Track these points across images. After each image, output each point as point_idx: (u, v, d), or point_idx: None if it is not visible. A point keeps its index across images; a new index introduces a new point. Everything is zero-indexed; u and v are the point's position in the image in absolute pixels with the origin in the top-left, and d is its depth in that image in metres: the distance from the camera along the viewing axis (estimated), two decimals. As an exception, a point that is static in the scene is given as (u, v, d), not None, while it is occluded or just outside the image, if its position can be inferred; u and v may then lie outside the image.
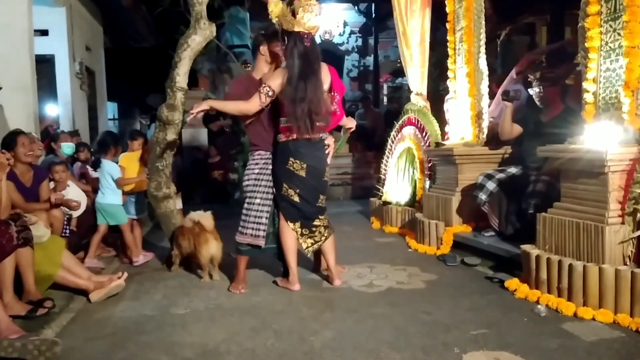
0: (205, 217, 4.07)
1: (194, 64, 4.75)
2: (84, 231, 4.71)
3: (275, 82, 3.53)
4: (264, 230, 3.72)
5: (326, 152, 3.72)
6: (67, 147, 5.31)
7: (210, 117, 10.10)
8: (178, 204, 5.21)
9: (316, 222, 3.69)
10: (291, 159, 3.57)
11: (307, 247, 3.71)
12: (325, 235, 3.72)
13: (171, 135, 4.40)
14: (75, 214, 4.51)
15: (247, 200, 3.79)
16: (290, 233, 3.66)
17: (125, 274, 3.83)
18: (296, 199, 3.63)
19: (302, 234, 3.67)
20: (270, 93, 3.51)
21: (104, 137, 4.98)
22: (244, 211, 3.78)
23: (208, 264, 4.03)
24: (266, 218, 3.72)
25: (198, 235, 4.01)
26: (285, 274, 3.82)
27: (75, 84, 8.32)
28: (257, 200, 3.73)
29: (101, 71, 10.42)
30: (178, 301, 3.56)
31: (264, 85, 3.54)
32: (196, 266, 4.18)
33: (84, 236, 4.74)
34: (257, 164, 3.80)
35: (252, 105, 3.56)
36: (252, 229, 3.73)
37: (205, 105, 3.57)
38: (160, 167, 4.41)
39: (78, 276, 3.66)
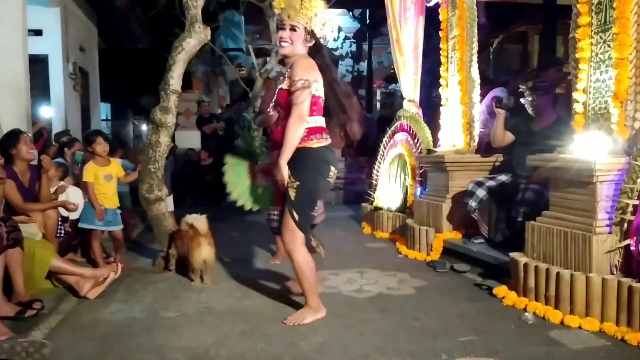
0: (199, 221, 4.06)
1: (189, 66, 4.75)
2: (74, 231, 4.69)
3: (312, 72, 3.07)
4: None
5: None
6: (79, 155, 5.29)
7: (204, 119, 10.10)
8: (170, 206, 5.21)
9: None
10: (333, 168, 3.15)
11: None
12: None
13: (164, 138, 4.40)
14: (73, 216, 4.51)
15: None
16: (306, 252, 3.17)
17: (120, 266, 3.86)
18: (315, 215, 3.38)
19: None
20: (315, 86, 3.06)
21: None
22: None
23: (200, 268, 4.03)
24: None
25: (191, 239, 4.01)
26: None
27: (68, 84, 8.30)
28: None
29: (95, 72, 10.39)
30: (168, 304, 3.56)
31: (301, 80, 3.00)
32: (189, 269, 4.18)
33: (75, 237, 4.73)
34: None
35: (304, 108, 3.00)
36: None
37: (284, 172, 3.01)
38: (152, 170, 4.41)
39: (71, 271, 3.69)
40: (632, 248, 2.95)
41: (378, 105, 14.61)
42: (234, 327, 3.08)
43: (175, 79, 4.37)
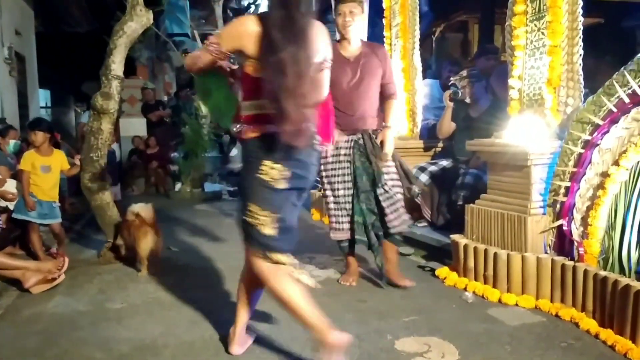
0: (145, 210, 4.01)
1: (132, 51, 4.65)
2: (9, 223, 4.53)
3: None
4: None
5: None
6: (15, 145, 5.08)
7: (149, 106, 9.88)
8: (117, 195, 5.11)
9: None
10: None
11: None
12: None
13: (106, 125, 4.29)
14: (12, 205, 4.36)
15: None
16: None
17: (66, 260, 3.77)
18: None
19: None
20: None
21: None
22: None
23: (147, 258, 3.97)
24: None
25: (138, 228, 3.94)
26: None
27: (3, 70, 7.96)
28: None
29: (32, 57, 9.97)
30: (114, 295, 3.51)
31: None
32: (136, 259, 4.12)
33: (13, 229, 4.57)
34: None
35: None
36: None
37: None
38: (94, 158, 4.30)
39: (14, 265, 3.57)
40: (565, 228, 3.11)
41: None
42: (182, 317, 3.07)
43: (117, 63, 4.27)
